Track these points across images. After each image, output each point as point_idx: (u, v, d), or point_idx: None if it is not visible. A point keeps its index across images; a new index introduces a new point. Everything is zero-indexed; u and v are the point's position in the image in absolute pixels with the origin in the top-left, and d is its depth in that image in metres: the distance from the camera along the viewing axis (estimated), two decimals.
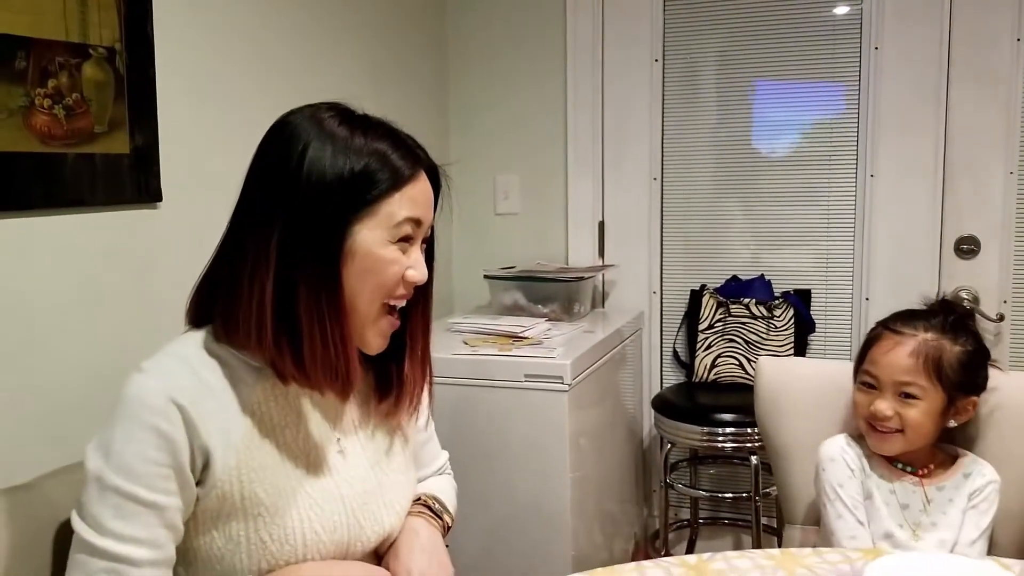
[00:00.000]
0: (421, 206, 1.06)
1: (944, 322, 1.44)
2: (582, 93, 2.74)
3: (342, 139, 1.02)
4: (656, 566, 1.14)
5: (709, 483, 2.78)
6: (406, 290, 1.08)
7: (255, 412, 1.04)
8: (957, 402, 1.43)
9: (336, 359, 1.02)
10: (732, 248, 2.71)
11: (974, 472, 1.42)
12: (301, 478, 1.05)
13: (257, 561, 1.01)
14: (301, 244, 0.99)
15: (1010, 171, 2.40)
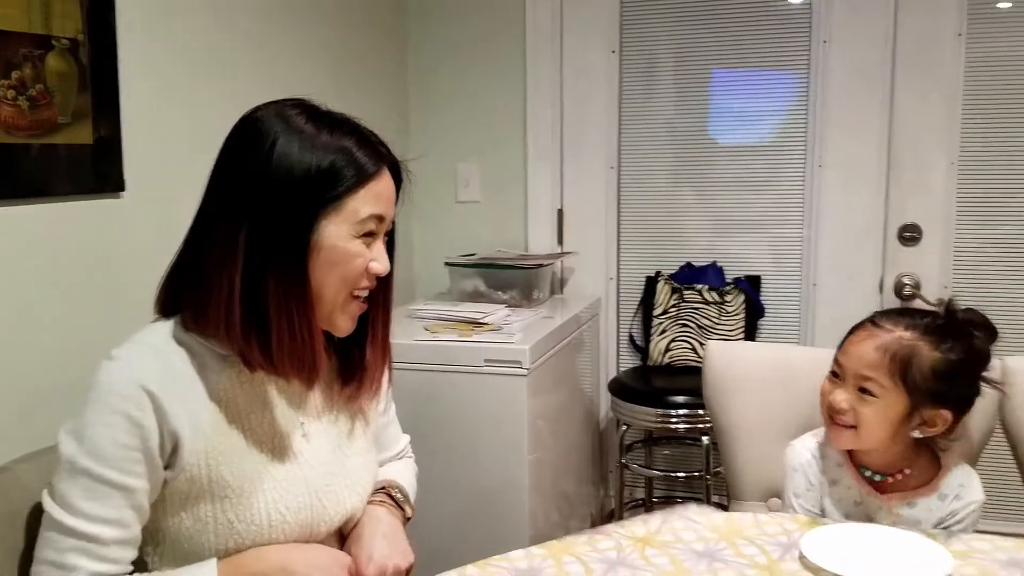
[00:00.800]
0: (384, 202, 1.11)
1: (933, 323, 1.32)
2: (541, 84, 2.78)
3: (309, 136, 1.06)
4: (607, 537, 1.21)
5: (663, 463, 2.86)
6: (370, 281, 1.12)
7: (222, 399, 1.08)
8: (923, 411, 1.29)
9: (303, 349, 1.07)
10: (686, 235, 2.78)
11: (951, 495, 1.32)
12: (267, 461, 1.10)
13: (224, 541, 1.06)
14: (269, 239, 1.03)
15: (951, 162, 2.50)
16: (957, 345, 1.30)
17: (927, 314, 1.35)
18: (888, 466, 1.34)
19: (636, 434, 2.79)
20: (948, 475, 1.34)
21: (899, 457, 1.34)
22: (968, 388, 1.32)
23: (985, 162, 2.49)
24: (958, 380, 1.30)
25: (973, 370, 1.33)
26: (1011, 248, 2.51)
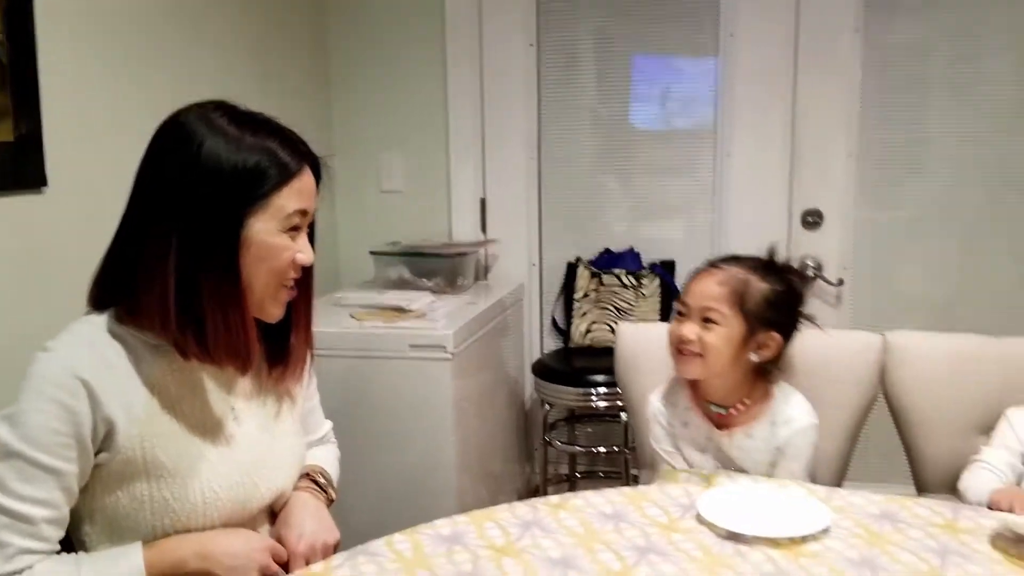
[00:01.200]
0: (307, 197, 1.17)
1: (760, 263, 1.53)
2: (462, 75, 2.85)
3: (233, 138, 1.11)
4: (525, 505, 1.30)
5: (585, 440, 2.98)
6: (296, 272, 1.19)
7: (155, 386, 1.14)
8: (758, 335, 1.48)
9: (237, 340, 1.13)
10: (605, 222, 2.89)
11: (782, 421, 1.50)
12: (200, 444, 1.16)
13: (161, 518, 1.12)
14: (200, 237, 1.09)
15: (849, 151, 2.66)
16: (780, 280, 1.52)
17: (753, 257, 1.57)
18: (729, 396, 1.52)
19: (559, 413, 2.90)
20: (776, 402, 1.52)
21: (738, 385, 1.52)
22: (791, 317, 1.54)
23: (881, 152, 2.66)
24: (784, 308, 1.52)
25: (794, 302, 1.54)
26: (904, 231, 2.68)
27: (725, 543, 1.19)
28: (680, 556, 1.15)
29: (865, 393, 1.68)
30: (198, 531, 1.14)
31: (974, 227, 2.62)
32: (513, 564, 1.13)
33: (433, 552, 1.16)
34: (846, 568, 1.12)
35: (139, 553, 1.10)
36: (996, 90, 2.56)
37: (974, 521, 1.25)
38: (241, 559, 1.14)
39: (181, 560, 1.11)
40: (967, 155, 2.60)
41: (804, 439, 1.50)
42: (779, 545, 1.18)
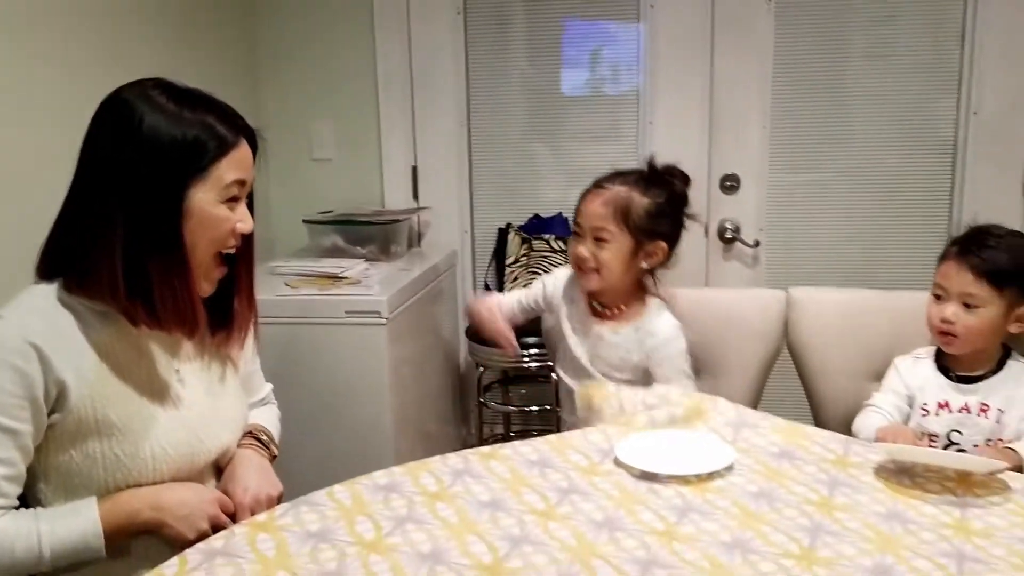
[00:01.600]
0: (244, 168, 1.24)
1: (640, 177, 1.70)
2: (390, 42, 2.89)
3: (172, 113, 1.18)
4: (457, 456, 1.40)
5: (519, 400, 3.09)
6: (236, 240, 1.26)
7: (103, 350, 1.20)
8: (645, 246, 1.68)
9: (184, 307, 1.21)
10: (535, 188, 2.98)
11: (643, 330, 1.71)
12: (148, 404, 1.23)
13: (113, 474, 1.19)
14: (144, 210, 1.16)
15: (763, 117, 2.79)
16: (661, 191, 1.70)
17: (635, 171, 1.73)
18: (613, 300, 1.73)
19: (493, 375, 3.00)
20: (646, 314, 1.73)
21: (623, 293, 1.72)
22: (674, 225, 1.72)
23: (794, 117, 2.79)
24: (666, 218, 1.70)
25: (677, 208, 1.73)
26: (815, 194, 2.83)
27: (640, 483, 1.31)
28: (599, 495, 1.27)
29: (770, 345, 1.82)
30: (149, 486, 1.21)
31: (885, 188, 2.77)
32: (446, 507, 1.23)
33: (371, 500, 1.26)
34: (747, 500, 1.25)
35: (94, 506, 1.17)
36: (909, 54, 2.70)
37: (862, 456, 1.39)
38: (191, 509, 1.22)
39: (135, 512, 1.19)
40: (880, 119, 2.74)
41: (666, 349, 1.69)
42: (688, 482, 1.30)
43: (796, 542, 1.13)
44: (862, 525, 1.17)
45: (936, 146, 2.73)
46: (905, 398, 1.65)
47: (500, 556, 1.09)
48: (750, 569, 1.06)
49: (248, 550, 1.12)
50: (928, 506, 1.23)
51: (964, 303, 1.58)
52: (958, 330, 1.58)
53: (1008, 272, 1.57)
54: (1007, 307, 1.58)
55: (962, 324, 1.58)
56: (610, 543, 1.13)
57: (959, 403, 1.62)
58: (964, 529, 1.16)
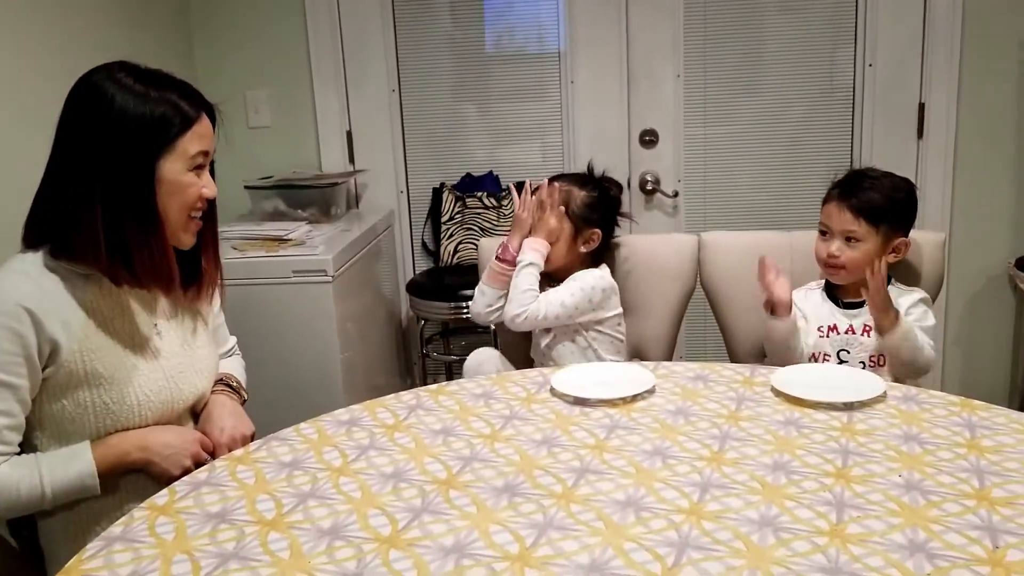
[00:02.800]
0: (207, 140, 1.38)
1: (580, 176, 2.04)
2: (320, 10, 2.97)
3: (140, 93, 1.30)
4: (409, 393, 1.56)
5: (459, 350, 3.25)
6: (203, 204, 1.41)
7: (89, 308, 1.33)
8: (583, 232, 1.98)
9: (161, 265, 1.35)
10: (466, 148, 3.12)
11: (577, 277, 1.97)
12: (131, 355, 1.37)
13: (103, 419, 1.33)
14: (119, 182, 1.29)
15: (677, 74, 2.97)
16: (596, 188, 2.02)
17: (576, 173, 2.10)
18: (562, 273, 1.99)
19: (434, 327, 3.16)
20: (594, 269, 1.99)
21: (570, 266, 1.99)
22: (608, 217, 2.02)
23: (705, 73, 2.97)
24: (600, 209, 2.00)
25: (610, 204, 2.04)
26: (728, 144, 3.02)
27: (573, 407, 1.48)
28: (537, 419, 1.44)
29: (686, 284, 2.02)
30: (135, 429, 1.35)
31: (792, 136, 2.98)
32: (403, 436, 1.39)
33: (335, 433, 1.41)
34: (666, 416, 1.43)
35: (88, 449, 1.30)
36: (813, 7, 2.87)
37: (764, 376, 1.59)
38: (175, 449, 1.36)
39: (125, 453, 1.33)
40: (786, 71, 2.93)
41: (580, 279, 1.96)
42: (615, 405, 1.48)
43: (708, 447, 1.32)
44: (764, 431, 1.37)
45: (837, 96, 2.95)
46: (801, 319, 1.87)
47: (454, 472, 1.26)
48: (668, 471, 1.25)
49: (230, 479, 1.26)
50: (819, 413, 1.43)
51: (846, 239, 1.80)
52: (842, 262, 1.81)
53: (882, 210, 1.79)
54: (883, 241, 1.80)
55: (845, 257, 1.80)
56: (549, 456, 1.30)
57: (845, 325, 1.85)
58: (850, 430, 1.36)
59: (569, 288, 1.93)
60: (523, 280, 1.91)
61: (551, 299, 1.91)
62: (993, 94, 2.83)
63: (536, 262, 1.93)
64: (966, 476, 1.19)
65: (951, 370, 3.05)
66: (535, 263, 1.92)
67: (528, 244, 1.95)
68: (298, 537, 1.10)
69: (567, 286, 1.94)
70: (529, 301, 1.90)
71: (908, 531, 1.06)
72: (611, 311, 1.97)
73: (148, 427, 1.38)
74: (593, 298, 1.93)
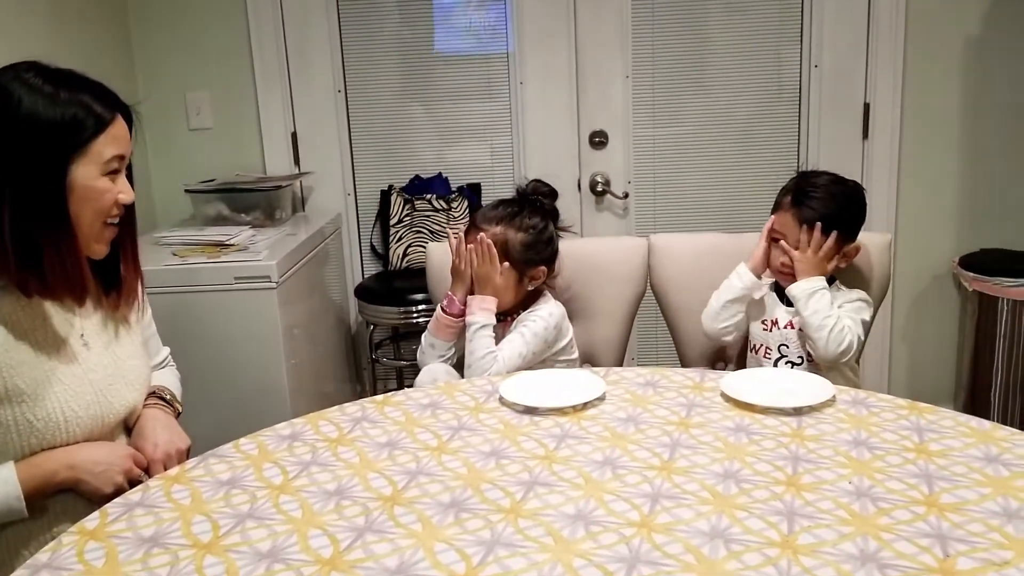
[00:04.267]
0: (122, 143, 1.31)
1: (511, 212, 1.89)
2: (262, 9, 2.91)
3: (49, 95, 1.23)
4: (354, 405, 1.51)
5: (410, 354, 3.20)
6: (119, 210, 1.34)
7: (6, 321, 1.26)
8: (528, 272, 1.89)
9: (73, 275, 1.28)
10: (414, 149, 3.07)
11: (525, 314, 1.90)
12: (54, 368, 1.30)
13: (27, 438, 1.27)
14: (29, 187, 1.22)
15: (626, 75, 2.96)
16: (531, 218, 1.89)
17: (508, 203, 1.91)
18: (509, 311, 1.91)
19: (384, 332, 3.11)
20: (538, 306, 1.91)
21: (519, 305, 1.91)
22: (549, 245, 1.91)
23: (653, 74, 2.96)
24: (540, 243, 1.89)
25: (547, 230, 1.91)
26: (677, 145, 3.02)
27: (523, 416, 1.45)
28: (486, 430, 1.41)
29: (636, 287, 2.00)
30: (62, 447, 1.29)
31: (739, 137, 2.99)
32: (347, 450, 1.34)
33: (276, 448, 1.36)
34: (616, 424, 1.41)
35: (12, 469, 1.24)
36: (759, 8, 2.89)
37: (714, 381, 1.58)
38: (106, 465, 1.30)
39: (51, 472, 1.26)
40: (734, 71, 2.94)
41: (531, 323, 1.87)
42: (565, 413, 1.46)
43: (658, 456, 1.29)
44: (714, 438, 1.35)
45: (785, 96, 2.96)
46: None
47: (399, 488, 1.22)
48: (618, 482, 1.22)
49: (164, 500, 1.21)
50: (769, 419, 1.42)
51: (797, 247, 1.80)
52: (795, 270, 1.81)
53: (834, 218, 1.80)
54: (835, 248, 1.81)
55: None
56: (497, 468, 1.27)
57: (785, 320, 1.86)
58: (799, 436, 1.35)
59: (523, 337, 1.85)
60: (479, 345, 1.82)
61: (508, 355, 1.83)
62: (937, 94, 2.87)
63: (488, 322, 1.84)
64: (915, 482, 1.19)
65: (898, 368, 3.08)
66: (487, 324, 1.84)
67: (476, 304, 1.85)
68: (235, 561, 1.05)
69: (520, 335, 1.85)
70: (489, 365, 1.80)
71: (859, 540, 1.05)
72: (564, 339, 1.92)
73: (76, 444, 1.32)
74: (548, 338, 1.87)
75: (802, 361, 1.86)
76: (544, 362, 1.89)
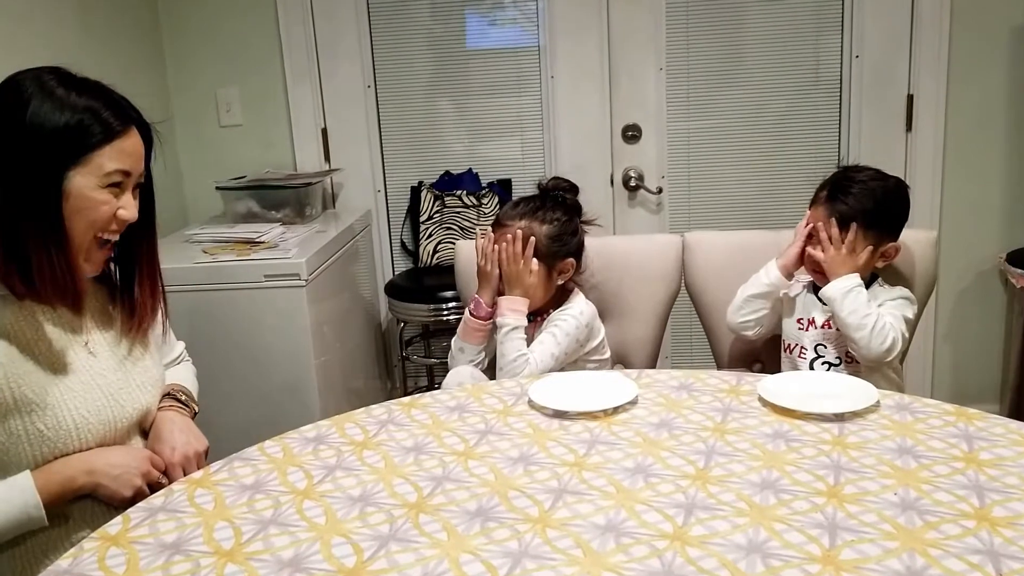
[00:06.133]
0: (130, 159, 1.27)
1: (534, 206, 1.85)
2: (291, 6, 2.89)
3: (59, 98, 1.21)
4: (380, 406, 1.48)
5: (440, 352, 3.18)
6: (118, 226, 1.29)
7: (8, 332, 1.24)
8: (556, 266, 1.84)
9: (63, 279, 1.25)
10: (444, 145, 3.04)
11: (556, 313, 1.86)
12: (61, 377, 1.28)
13: (40, 447, 1.25)
14: (20, 187, 1.20)
15: (660, 67, 2.90)
16: (554, 212, 1.84)
17: (529, 199, 1.87)
18: (539, 309, 1.87)
19: (414, 329, 3.09)
20: (569, 305, 1.86)
21: (549, 303, 1.87)
22: (575, 236, 1.86)
23: (687, 67, 2.90)
24: (566, 235, 1.85)
25: (572, 222, 1.86)
26: (712, 139, 2.96)
27: (552, 420, 1.41)
28: (514, 434, 1.37)
29: (669, 286, 1.95)
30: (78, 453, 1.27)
31: (777, 130, 2.92)
32: (372, 454, 1.31)
33: (301, 452, 1.33)
34: (648, 430, 1.37)
35: (29, 479, 1.22)
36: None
37: (751, 385, 1.52)
38: (123, 468, 1.28)
39: (69, 478, 1.25)
40: (771, 63, 2.87)
41: (562, 322, 1.83)
42: (595, 417, 1.41)
43: (692, 464, 1.25)
44: (751, 445, 1.30)
45: (824, 88, 2.89)
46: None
47: (424, 494, 1.19)
48: (651, 491, 1.18)
49: (187, 504, 1.19)
50: (810, 425, 1.36)
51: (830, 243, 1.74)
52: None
53: (872, 216, 1.73)
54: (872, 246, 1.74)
55: None
56: (525, 475, 1.23)
57: (822, 319, 1.79)
58: (841, 444, 1.30)
59: (555, 337, 1.81)
60: (510, 348, 1.78)
61: (540, 357, 1.79)
62: (983, 84, 2.78)
63: (520, 323, 1.80)
64: (964, 493, 1.13)
65: (941, 368, 3.00)
66: (519, 325, 1.80)
67: (506, 305, 1.81)
68: (257, 570, 1.03)
69: (552, 335, 1.81)
70: (521, 367, 1.77)
71: (905, 556, 1.00)
72: (596, 338, 1.88)
73: (93, 449, 1.30)
74: (580, 337, 1.83)
75: (840, 362, 1.80)
76: (576, 362, 1.85)
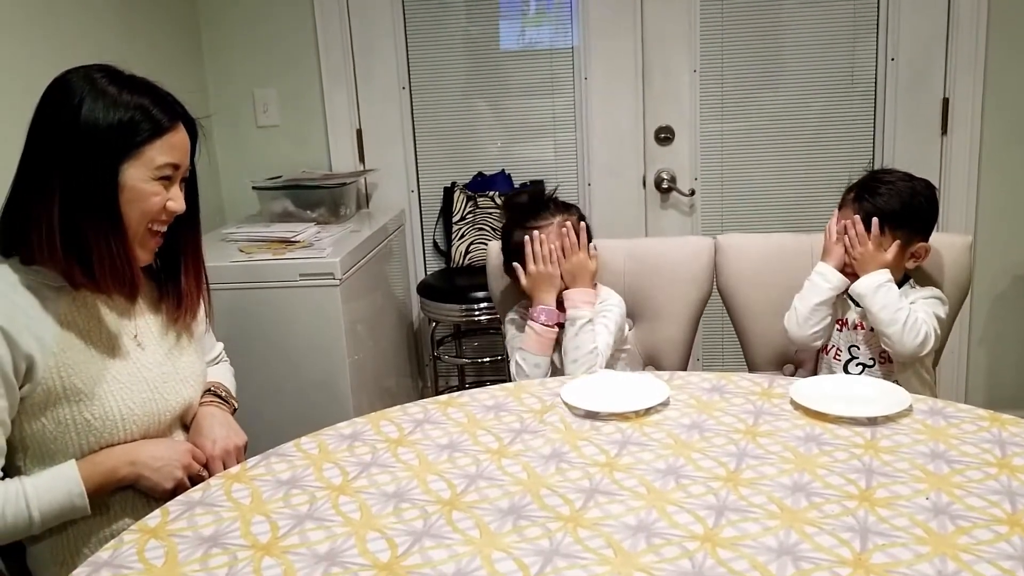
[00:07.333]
0: (178, 152, 1.32)
1: (558, 206, 1.92)
2: (329, 6, 2.92)
3: (111, 95, 1.26)
4: (415, 404, 1.51)
5: (471, 352, 3.20)
6: (167, 217, 1.34)
7: (62, 321, 1.29)
8: (589, 251, 1.88)
9: (122, 268, 1.29)
10: (477, 146, 3.06)
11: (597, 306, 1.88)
12: (109, 367, 1.32)
13: (85, 436, 1.29)
14: (79, 182, 1.24)
15: (693, 69, 2.90)
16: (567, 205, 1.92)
17: (543, 203, 1.93)
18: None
19: (445, 329, 3.11)
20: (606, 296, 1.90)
21: None
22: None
23: (721, 68, 2.89)
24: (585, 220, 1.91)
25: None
26: (745, 141, 2.95)
27: (584, 420, 1.43)
28: (547, 429, 1.38)
29: (701, 289, 1.95)
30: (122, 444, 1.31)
31: (811, 132, 2.90)
32: (407, 451, 1.34)
33: (336, 448, 1.36)
34: (680, 431, 1.37)
35: (75, 468, 1.26)
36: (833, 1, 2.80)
37: (783, 388, 1.53)
38: (165, 461, 1.32)
39: (112, 469, 1.28)
40: (805, 65, 2.85)
41: (608, 312, 1.86)
42: (627, 418, 1.42)
43: (724, 466, 1.25)
44: (783, 448, 1.30)
45: (859, 91, 2.87)
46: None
47: (458, 492, 1.21)
48: (682, 492, 1.19)
49: (224, 499, 1.22)
50: (841, 428, 1.36)
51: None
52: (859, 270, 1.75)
53: (900, 216, 1.73)
54: (901, 247, 1.73)
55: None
56: (557, 474, 1.25)
57: (855, 320, 1.78)
58: (873, 447, 1.30)
59: (608, 328, 1.82)
60: (586, 340, 1.80)
61: (603, 349, 1.81)
62: (1020, 88, 2.74)
63: (592, 316, 1.81)
64: (997, 499, 1.13)
65: (975, 372, 2.96)
66: (593, 317, 1.81)
67: (579, 297, 1.83)
68: (293, 563, 1.05)
69: (605, 327, 1.83)
70: (595, 360, 1.79)
71: (936, 561, 1.00)
72: (627, 328, 1.91)
73: (136, 441, 1.33)
74: (622, 326, 1.86)
75: (874, 363, 1.79)
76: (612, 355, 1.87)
